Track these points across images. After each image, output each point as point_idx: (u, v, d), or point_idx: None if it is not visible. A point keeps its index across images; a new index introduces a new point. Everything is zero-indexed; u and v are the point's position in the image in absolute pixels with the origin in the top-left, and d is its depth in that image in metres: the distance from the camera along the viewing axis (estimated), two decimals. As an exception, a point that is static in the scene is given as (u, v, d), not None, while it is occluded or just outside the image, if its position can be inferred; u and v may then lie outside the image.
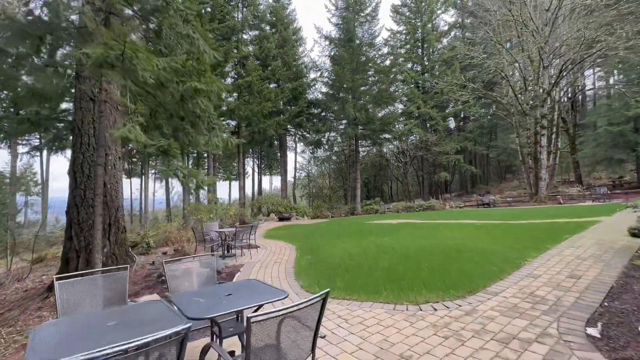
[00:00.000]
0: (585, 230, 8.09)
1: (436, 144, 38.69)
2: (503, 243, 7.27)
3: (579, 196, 19.76)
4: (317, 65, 31.46)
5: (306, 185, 57.20)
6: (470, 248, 6.87)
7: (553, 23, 18.33)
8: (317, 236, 12.06)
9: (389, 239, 9.40)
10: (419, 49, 43.47)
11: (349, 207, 32.84)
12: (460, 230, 10.01)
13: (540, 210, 15.37)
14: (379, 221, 16.22)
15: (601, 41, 18.20)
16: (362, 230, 12.53)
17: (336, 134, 38.45)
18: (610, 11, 18.13)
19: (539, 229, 8.92)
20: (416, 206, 27.77)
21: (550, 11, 18.79)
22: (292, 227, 17.44)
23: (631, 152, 24.09)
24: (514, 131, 24.35)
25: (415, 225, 12.74)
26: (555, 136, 21.31)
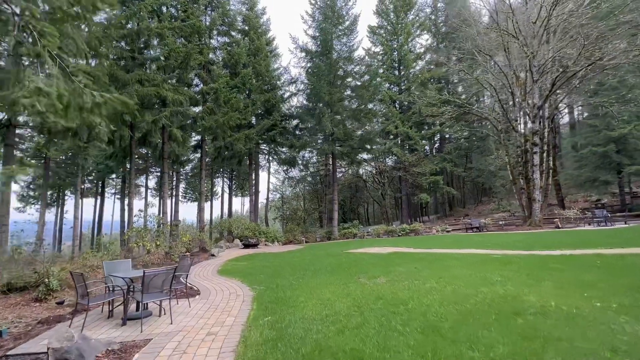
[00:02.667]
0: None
1: (415, 165, 37.28)
2: (576, 293, 4.68)
3: (576, 219, 18.17)
4: (293, 77, 29.30)
5: (279, 207, 53.90)
6: (535, 306, 4.20)
7: (542, 35, 17.40)
8: (286, 273, 9.02)
9: (389, 283, 6.60)
10: (396, 70, 43.00)
11: (325, 231, 29.89)
12: (481, 266, 7.40)
13: (549, 235, 13.27)
14: (363, 249, 13.42)
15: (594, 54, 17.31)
16: (346, 264, 9.64)
17: (312, 152, 36.05)
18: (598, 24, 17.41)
19: (606, 266, 6.48)
20: (398, 230, 25.34)
21: (537, 24, 17.88)
22: (258, 257, 14.20)
23: (616, 174, 23.33)
24: (502, 149, 22.95)
25: (412, 256, 10.06)
26: (546, 155, 20.01)
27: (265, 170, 48.62)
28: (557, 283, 5.19)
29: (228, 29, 26.62)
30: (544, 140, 19.76)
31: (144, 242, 14.67)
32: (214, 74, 23.52)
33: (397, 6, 43.40)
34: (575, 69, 18.17)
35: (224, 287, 7.70)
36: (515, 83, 19.54)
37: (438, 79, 43.71)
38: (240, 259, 13.86)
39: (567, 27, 19.13)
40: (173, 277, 4.94)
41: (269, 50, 30.44)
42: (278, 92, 28.95)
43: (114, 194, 48.03)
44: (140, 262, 12.14)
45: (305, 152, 37.28)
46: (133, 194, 19.08)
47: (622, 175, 22.99)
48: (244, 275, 9.23)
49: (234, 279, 8.82)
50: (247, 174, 41.32)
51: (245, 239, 21.08)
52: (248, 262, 12.75)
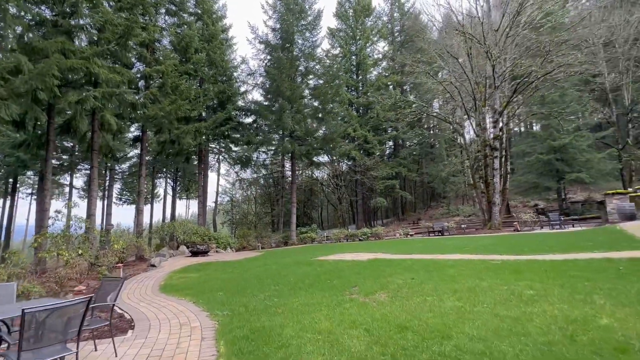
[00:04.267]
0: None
1: (372, 168, 37.19)
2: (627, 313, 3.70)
3: (532, 223, 18.81)
4: (251, 68, 27.12)
5: (229, 211, 50.56)
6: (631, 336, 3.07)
7: (504, 43, 17.92)
8: (253, 288, 7.20)
9: (394, 300, 5.25)
10: (354, 74, 42.93)
11: (282, 236, 28.02)
12: (491, 275, 6.37)
13: (519, 238, 13.11)
14: (336, 256, 11.97)
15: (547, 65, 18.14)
16: (324, 274, 8.09)
17: (266, 152, 33.96)
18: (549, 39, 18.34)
19: (633, 272, 5.79)
20: (360, 234, 24.47)
21: (499, 32, 18.38)
22: (211, 267, 11.98)
23: (556, 181, 25.12)
24: (464, 153, 23.30)
25: (398, 263, 8.84)
26: (504, 160, 20.67)
27: (214, 171, 45.16)
28: (608, 298, 4.23)
29: (178, 9, 23.70)
30: (502, 146, 20.38)
31: (61, 251, 11.60)
32: (161, 56, 20.57)
33: (356, 10, 43.48)
34: (529, 81, 19.00)
35: (170, 312, 5.65)
36: (477, 89, 19.90)
37: (393, 85, 44.66)
38: (189, 270, 11.53)
39: (523, 39, 20.01)
40: (86, 313, 2.93)
41: (224, 39, 27.92)
42: (234, 83, 26.56)
43: (31, 194, 40.88)
44: (50, 279, 9.27)
45: (260, 153, 35.08)
46: (49, 190, 15.41)
47: (562, 182, 24.81)
48: (196, 293, 7.17)
49: (183, 299, 6.75)
50: (194, 174, 37.73)
51: (193, 246, 18.40)
52: (199, 273, 10.53)
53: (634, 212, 14.95)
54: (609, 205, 17.10)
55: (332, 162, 42.37)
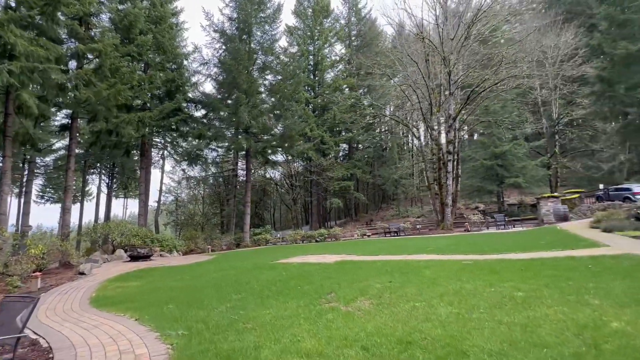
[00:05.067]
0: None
1: (328, 169, 37.12)
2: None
3: (480, 223, 19.94)
4: (205, 58, 25.19)
5: (173, 211, 47.00)
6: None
7: (459, 52, 18.84)
8: (211, 298, 6.21)
9: (380, 308, 4.76)
10: (312, 73, 42.61)
11: (234, 238, 26.48)
12: (470, 277, 6.16)
13: (473, 238, 13.62)
14: (298, 258, 11.24)
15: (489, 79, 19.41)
16: (291, 279, 7.35)
17: (216, 150, 31.94)
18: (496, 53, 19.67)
19: (605, 270, 5.92)
20: (317, 235, 23.98)
21: (455, 40, 19.27)
22: (156, 273, 10.50)
23: (497, 185, 27.21)
24: (416, 156, 24.00)
25: (369, 265, 8.41)
26: (455, 163, 21.69)
27: (158, 167, 41.54)
28: (600, 297, 4.13)
29: (120, -13, 21.09)
30: (455, 150, 21.40)
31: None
32: (98, 34, 18.05)
33: (315, 10, 43.24)
34: (480, 90, 20.23)
35: (106, 334, 4.47)
36: (433, 94, 20.65)
37: (349, 88, 45.25)
38: (129, 277, 9.94)
39: (472, 52, 21.25)
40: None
41: (175, 23, 25.62)
42: (185, 72, 24.44)
43: None
44: None
45: (210, 150, 32.93)
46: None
47: (502, 186, 26.92)
48: (140, 307, 5.96)
49: (122, 315, 5.52)
50: (134, 171, 34.21)
51: (133, 249, 16.28)
52: (142, 281, 9.08)
53: (567, 214, 16.52)
54: (544, 208, 18.75)
55: (288, 161, 41.49)
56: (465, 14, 19.55)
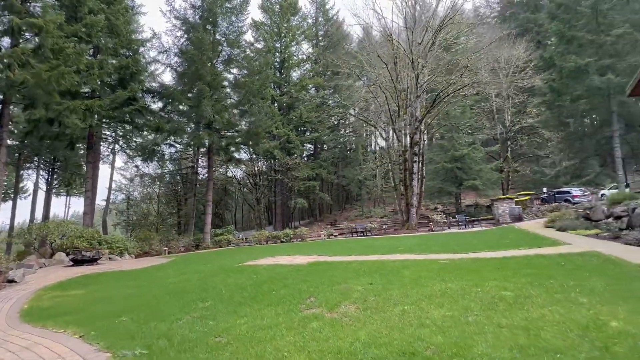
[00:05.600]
0: None
1: (294, 168, 36.61)
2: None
3: (442, 223, 20.62)
4: (164, 45, 23.45)
5: (124, 210, 43.59)
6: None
7: (426, 56, 19.37)
8: (172, 308, 5.49)
9: (370, 314, 4.46)
10: (278, 71, 41.82)
11: (194, 239, 24.98)
12: (450, 276, 6.05)
13: (440, 237, 13.91)
14: (267, 260, 10.63)
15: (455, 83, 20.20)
16: (264, 283, 6.80)
17: (179, 142, 30.00)
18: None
19: (576, 267, 6.06)
20: (282, 235, 23.39)
21: (422, 45, 19.78)
22: (104, 280, 9.32)
23: (456, 187, 28.52)
24: (381, 157, 24.33)
25: (344, 266, 8.07)
26: (420, 165, 22.26)
27: (107, 163, 38.18)
28: (586, 295, 4.12)
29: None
30: (420, 152, 21.96)
31: None
32: (39, 8, 15.96)
33: (283, 7, 42.53)
34: (444, 94, 20.97)
35: (39, 358, 3.63)
36: (400, 96, 21.03)
37: (316, 87, 45.13)
38: (71, 285, 8.69)
39: (436, 58, 22.00)
40: None
41: (130, 6, 23.58)
42: (141, 60, 22.54)
43: None
44: None
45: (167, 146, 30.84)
46: None
47: (461, 188, 28.25)
48: (85, 320, 5.06)
49: (61, 331, 4.63)
50: (79, 166, 31.07)
51: (77, 252, 14.50)
52: (87, 289, 7.95)
53: (522, 214, 17.59)
54: (500, 208, 19.84)
55: (252, 159, 40.27)
56: (432, 19, 20.17)
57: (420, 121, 20.87)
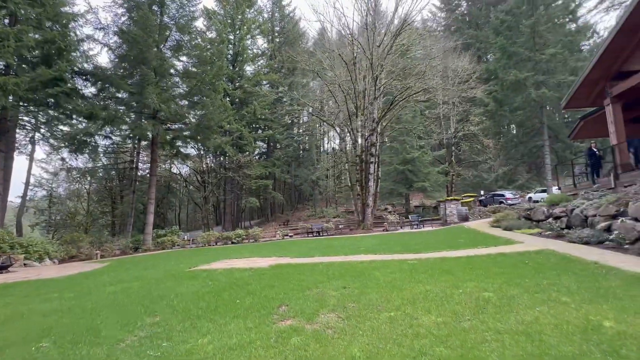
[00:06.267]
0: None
1: (246, 166, 35.26)
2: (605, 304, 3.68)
3: (396, 223, 21.14)
4: (101, 21, 20.75)
5: (45, 209, 38.21)
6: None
7: (384, 59, 19.71)
8: (112, 324, 4.52)
9: (354, 323, 4.09)
10: (231, 64, 39.97)
11: (132, 240, 22.54)
12: (425, 277, 5.91)
13: (399, 237, 14.10)
14: (220, 264, 9.69)
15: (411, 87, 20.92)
16: (223, 290, 6.03)
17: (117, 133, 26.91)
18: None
19: (536, 265, 6.24)
20: (234, 236, 22.15)
21: (381, 47, 20.12)
22: (15, 292, 7.63)
23: (408, 188, 29.70)
24: (335, 157, 24.26)
25: (311, 268, 7.56)
26: (376, 166, 22.61)
27: (24, 154, 32.98)
28: (565, 294, 4.15)
29: None
30: (376, 153, 22.31)
31: None
32: None
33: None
34: (398, 99, 21.60)
35: None
36: (358, 97, 21.17)
37: (271, 84, 44.07)
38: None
39: (395, 61, 22.63)
40: None
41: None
42: (72, 35, 19.67)
43: None
44: None
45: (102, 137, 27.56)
46: None
47: (412, 189, 29.48)
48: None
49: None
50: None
51: (-21, 259, 11.96)
52: (-8, 306, 6.37)
53: (468, 215, 18.71)
54: (448, 209, 20.94)
55: (201, 156, 37.86)
56: (391, 23, 20.67)
57: (377, 123, 21.23)
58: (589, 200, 10.01)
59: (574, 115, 22.47)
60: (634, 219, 7.34)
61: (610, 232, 7.83)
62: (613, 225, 7.82)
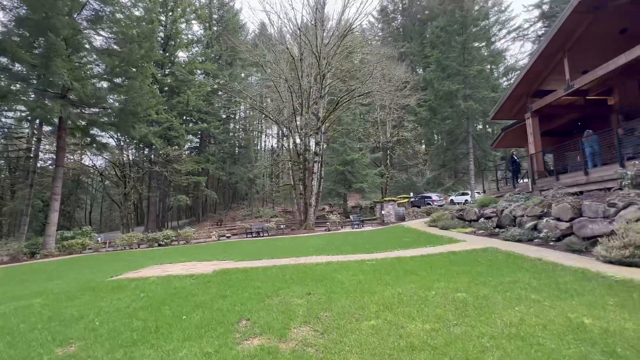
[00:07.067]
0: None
1: (176, 161, 32.33)
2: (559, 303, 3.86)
3: (338, 223, 21.23)
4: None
5: None
6: None
7: (332, 58, 19.65)
8: None
9: (335, 339, 3.59)
10: (161, 48, 36.29)
11: (27, 244, 18.71)
12: (389, 278, 5.72)
13: (343, 236, 14.03)
14: (150, 270, 8.30)
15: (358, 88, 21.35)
16: (165, 305, 4.99)
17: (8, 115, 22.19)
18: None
19: (490, 263, 6.47)
20: (162, 238, 19.88)
21: (328, 47, 20.04)
22: None
23: (347, 188, 30.32)
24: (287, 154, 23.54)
25: (264, 273, 6.80)
26: (320, 165, 22.42)
27: None
28: (531, 291, 4.26)
29: None
30: (320, 152, 22.15)
31: None
32: None
33: (172, -27, 37.29)
34: (343, 100, 21.84)
35: None
36: (303, 95, 20.77)
37: (207, 74, 41.18)
38: None
39: (340, 64, 22.83)
40: None
41: None
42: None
43: None
44: None
45: None
46: None
47: (351, 190, 30.16)
48: None
49: None
50: None
51: None
52: None
53: (405, 215, 19.69)
54: (385, 209, 21.81)
55: (121, 146, 33.45)
56: (339, 23, 20.77)
57: (322, 122, 21.12)
58: (512, 202, 11.15)
59: (494, 126, 25.46)
60: (556, 219, 8.26)
61: (536, 230, 8.72)
62: (539, 225, 8.72)
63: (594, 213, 7.27)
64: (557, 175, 11.18)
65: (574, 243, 6.92)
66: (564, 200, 8.49)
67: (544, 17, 38.73)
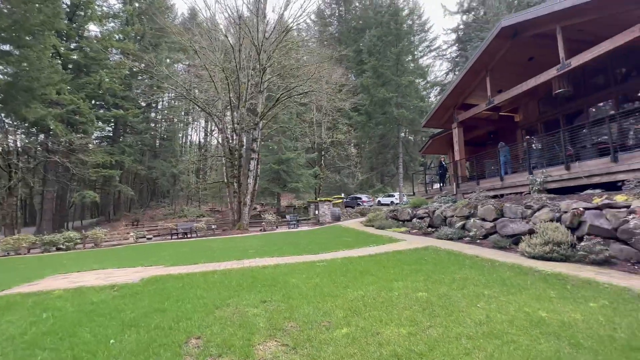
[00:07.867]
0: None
1: (82, 151, 27.94)
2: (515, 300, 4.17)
3: (273, 223, 20.57)
4: None
5: None
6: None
7: (273, 52, 18.94)
8: None
9: (315, 351, 3.16)
10: (68, 18, 30.96)
11: None
12: (348, 279, 5.48)
13: (281, 236, 13.56)
14: (53, 282, 6.69)
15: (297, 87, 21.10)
16: (82, 329, 3.95)
17: None
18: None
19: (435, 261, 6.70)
20: (62, 240, 16.74)
21: (269, 41, 19.30)
22: None
23: (282, 187, 29.80)
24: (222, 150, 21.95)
25: (203, 279, 5.91)
26: (256, 163, 21.39)
27: None
28: (483, 287, 4.49)
29: None
30: (258, 149, 21.19)
31: None
32: None
33: None
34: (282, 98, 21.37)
35: None
36: (241, 87, 19.66)
37: (126, 54, 36.41)
38: None
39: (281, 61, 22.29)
40: None
41: None
42: None
43: None
44: None
45: None
46: None
47: (286, 189, 29.73)
48: None
49: None
50: None
51: None
52: None
53: (341, 215, 20.07)
54: (321, 209, 21.99)
55: (6, 130, 27.33)
56: (281, 17, 20.22)
57: (261, 118, 20.26)
58: (442, 204, 12.14)
59: (418, 135, 27.71)
60: (482, 219, 9.18)
61: (465, 229, 9.57)
62: (467, 224, 9.59)
63: (513, 214, 8.23)
64: (478, 180, 12.52)
65: (499, 241, 7.73)
66: (488, 202, 9.48)
67: (459, 41, 44.00)
